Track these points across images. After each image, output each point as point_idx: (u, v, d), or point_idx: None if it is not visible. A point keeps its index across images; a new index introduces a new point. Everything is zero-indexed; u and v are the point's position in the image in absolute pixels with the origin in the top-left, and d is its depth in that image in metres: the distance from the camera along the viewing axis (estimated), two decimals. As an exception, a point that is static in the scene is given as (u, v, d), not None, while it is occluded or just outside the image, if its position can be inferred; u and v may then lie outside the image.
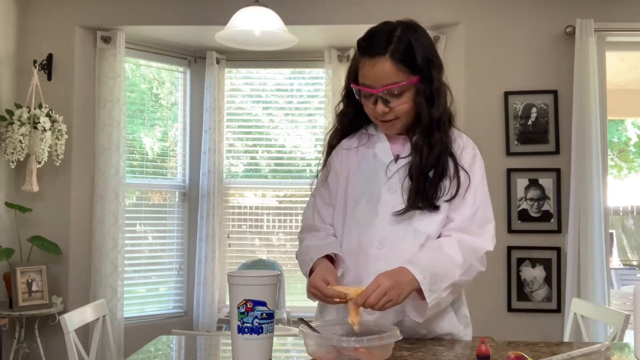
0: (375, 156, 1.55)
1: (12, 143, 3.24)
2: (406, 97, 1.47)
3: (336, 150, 1.62)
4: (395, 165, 1.52)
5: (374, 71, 1.45)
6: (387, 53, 1.44)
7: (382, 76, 1.45)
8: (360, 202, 1.52)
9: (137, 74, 4.03)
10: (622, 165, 8.83)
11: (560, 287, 3.38)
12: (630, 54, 3.99)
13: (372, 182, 1.52)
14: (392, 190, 1.50)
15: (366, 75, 1.47)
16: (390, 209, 1.48)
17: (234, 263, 4.02)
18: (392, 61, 1.44)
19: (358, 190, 1.53)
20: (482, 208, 1.51)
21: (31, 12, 3.57)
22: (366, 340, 1.20)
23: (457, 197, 1.49)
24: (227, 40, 3.03)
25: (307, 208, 1.66)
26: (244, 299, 1.18)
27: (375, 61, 1.45)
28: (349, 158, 1.58)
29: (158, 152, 4.07)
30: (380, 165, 1.53)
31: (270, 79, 4.21)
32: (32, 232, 3.41)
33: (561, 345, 1.42)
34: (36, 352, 3.32)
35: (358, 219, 1.51)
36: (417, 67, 1.47)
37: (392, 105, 1.47)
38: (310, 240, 1.56)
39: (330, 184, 1.61)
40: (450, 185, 1.48)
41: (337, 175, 1.59)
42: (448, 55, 3.56)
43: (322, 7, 3.55)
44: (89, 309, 2.20)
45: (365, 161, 1.56)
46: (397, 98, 1.46)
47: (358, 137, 1.61)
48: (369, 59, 1.46)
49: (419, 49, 1.48)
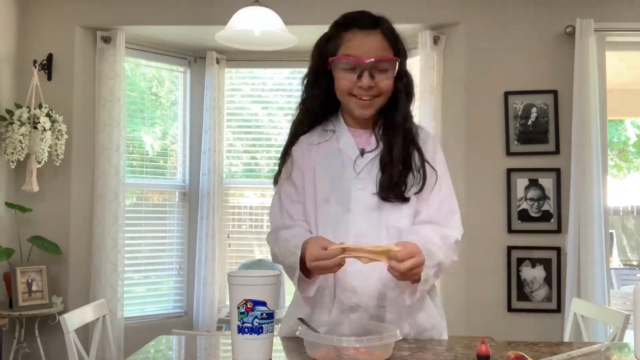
0: (340, 151, 1.54)
1: (12, 143, 3.25)
2: (390, 75, 1.49)
3: (297, 144, 1.58)
4: (363, 160, 1.51)
5: (366, 42, 1.47)
6: (378, 28, 1.49)
7: (373, 48, 1.47)
8: (331, 199, 1.50)
9: (137, 74, 4.03)
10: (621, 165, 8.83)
11: (560, 287, 3.38)
12: (630, 54, 3.99)
13: (341, 178, 1.51)
14: (361, 185, 1.49)
15: (356, 46, 1.47)
16: (361, 204, 1.48)
17: (234, 263, 4.02)
18: (383, 36, 1.49)
19: (326, 187, 1.51)
20: (448, 199, 1.54)
21: (31, 12, 3.57)
22: (366, 341, 1.20)
23: (425, 189, 1.50)
24: (227, 40, 3.03)
25: (273, 207, 1.59)
26: (244, 298, 1.18)
27: (368, 32, 1.48)
28: (311, 154, 1.56)
29: (158, 152, 4.07)
30: (347, 160, 1.52)
31: (270, 78, 4.21)
32: (32, 232, 3.41)
33: (561, 345, 1.42)
34: (36, 352, 3.32)
35: (330, 216, 1.50)
36: (399, 51, 1.51)
37: (377, 80, 1.48)
38: (287, 232, 1.52)
39: (295, 181, 1.56)
40: (418, 177, 1.50)
41: (302, 171, 1.56)
42: (448, 55, 3.57)
43: (322, 7, 3.55)
44: (89, 309, 2.20)
45: (330, 157, 1.54)
46: (383, 74, 1.48)
47: (318, 133, 1.58)
48: (359, 30, 1.48)
49: (400, 37, 1.54)
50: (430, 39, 3.51)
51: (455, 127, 3.50)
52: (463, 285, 3.43)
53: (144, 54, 3.93)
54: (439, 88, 3.53)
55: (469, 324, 3.36)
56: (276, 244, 1.54)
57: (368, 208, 1.48)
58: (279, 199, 1.58)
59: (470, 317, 3.38)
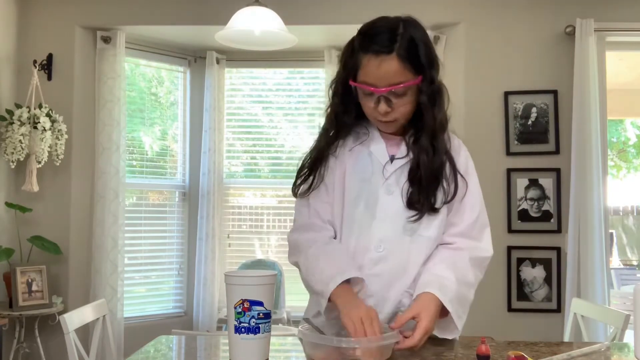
0: (371, 155, 1.52)
1: (12, 143, 3.24)
2: (409, 97, 1.45)
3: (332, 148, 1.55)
4: (392, 166, 1.50)
5: (380, 70, 1.40)
6: (393, 51, 1.40)
7: (388, 76, 1.41)
8: (359, 202, 1.49)
9: (137, 74, 4.03)
10: (621, 165, 8.83)
11: (560, 287, 3.38)
12: (630, 54, 3.99)
13: (369, 183, 1.50)
14: (389, 191, 1.48)
15: (371, 74, 1.42)
16: (388, 210, 1.47)
17: (234, 263, 4.02)
18: (399, 60, 1.40)
19: (355, 190, 1.50)
20: (482, 212, 1.53)
21: (31, 12, 3.57)
22: (366, 341, 1.20)
23: (456, 200, 1.49)
24: (227, 40, 3.03)
25: (301, 206, 1.57)
26: (240, 298, 1.18)
27: (382, 59, 1.40)
28: (344, 156, 1.54)
29: (158, 152, 4.07)
30: (377, 165, 1.51)
31: (270, 78, 4.21)
32: (32, 232, 3.41)
33: (561, 345, 1.42)
34: (36, 352, 3.32)
35: (356, 220, 1.49)
36: (421, 66, 1.44)
37: (395, 105, 1.44)
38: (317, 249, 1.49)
39: (326, 181, 1.55)
40: (449, 188, 1.48)
41: (333, 172, 1.54)
42: (448, 55, 3.56)
43: (322, 7, 3.55)
44: (89, 309, 2.20)
45: (361, 160, 1.53)
46: (400, 98, 1.43)
47: (353, 137, 1.56)
48: (373, 56, 1.41)
49: (422, 47, 1.45)
50: (430, 39, 3.50)
51: (455, 127, 3.48)
52: (463, 285, 3.42)
53: (144, 54, 3.93)
54: (439, 88, 3.53)
55: (469, 324, 3.33)
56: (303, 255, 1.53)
57: (394, 215, 1.47)
58: (307, 197, 1.56)
59: (470, 317, 3.36)
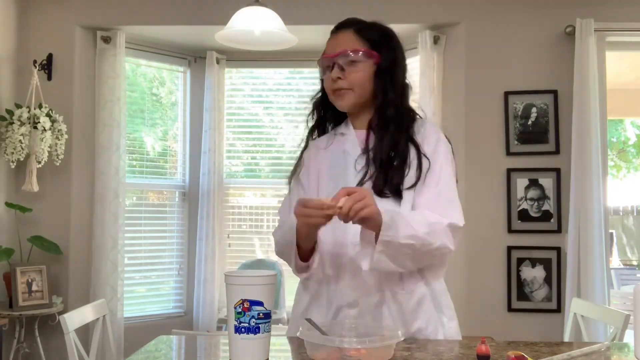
0: (345, 152, 1.58)
1: (12, 143, 3.24)
2: (361, 67, 1.53)
3: (308, 148, 1.66)
4: (362, 158, 1.54)
5: (336, 40, 1.56)
6: (351, 27, 1.56)
7: (341, 43, 1.54)
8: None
9: (137, 74, 4.03)
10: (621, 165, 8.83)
11: (560, 287, 3.38)
12: (630, 54, 3.99)
13: (343, 177, 1.54)
14: (361, 182, 1.51)
15: (329, 46, 1.57)
16: None
17: (234, 263, 4.02)
18: (354, 33, 1.55)
19: (329, 187, 1.53)
20: (446, 190, 1.51)
21: (31, 12, 3.57)
22: (368, 341, 1.20)
23: (419, 183, 1.50)
24: (227, 40, 3.03)
25: (283, 206, 1.69)
26: (240, 298, 1.18)
27: (339, 32, 1.57)
28: (319, 156, 1.62)
29: (158, 152, 4.07)
30: (350, 160, 1.56)
31: (270, 78, 4.21)
32: (32, 232, 3.41)
33: (561, 345, 1.42)
34: (36, 352, 3.32)
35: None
36: (377, 44, 1.54)
37: (347, 73, 1.52)
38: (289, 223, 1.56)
39: (302, 181, 1.64)
40: (412, 172, 1.50)
41: (309, 172, 1.63)
42: (448, 55, 3.56)
43: (322, 7, 3.55)
44: (89, 309, 2.20)
45: (335, 159, 1.59)
46: (353, 66, 1.52)
47: (327, 136, 1.65)
48: (333, 33, 1.58)
49: (383, 34, 1.57)
50: (430, 39, 3.51)
51: (456, 127, 3.50)
52: (463, 285, 3.43)
53: (144, 54, 3.93)
54: (439, 88, 3.53)
55: (469, 324, 3.35)
56: (279, 230, 1.61)
57: None
58: (289, 198, 1.65)
59: (470, 317, 3.38)
